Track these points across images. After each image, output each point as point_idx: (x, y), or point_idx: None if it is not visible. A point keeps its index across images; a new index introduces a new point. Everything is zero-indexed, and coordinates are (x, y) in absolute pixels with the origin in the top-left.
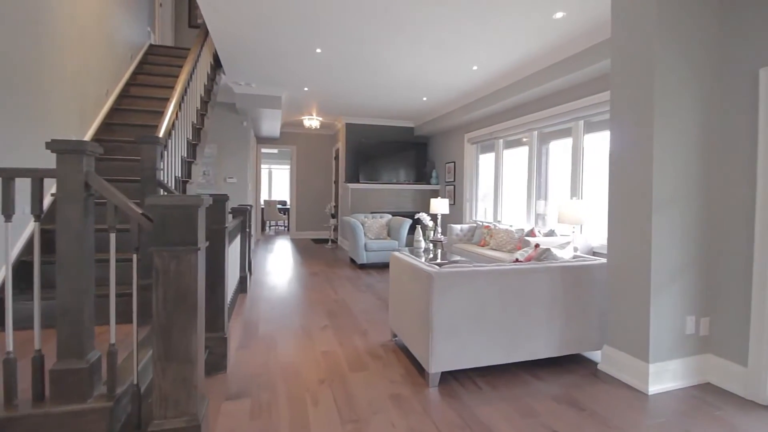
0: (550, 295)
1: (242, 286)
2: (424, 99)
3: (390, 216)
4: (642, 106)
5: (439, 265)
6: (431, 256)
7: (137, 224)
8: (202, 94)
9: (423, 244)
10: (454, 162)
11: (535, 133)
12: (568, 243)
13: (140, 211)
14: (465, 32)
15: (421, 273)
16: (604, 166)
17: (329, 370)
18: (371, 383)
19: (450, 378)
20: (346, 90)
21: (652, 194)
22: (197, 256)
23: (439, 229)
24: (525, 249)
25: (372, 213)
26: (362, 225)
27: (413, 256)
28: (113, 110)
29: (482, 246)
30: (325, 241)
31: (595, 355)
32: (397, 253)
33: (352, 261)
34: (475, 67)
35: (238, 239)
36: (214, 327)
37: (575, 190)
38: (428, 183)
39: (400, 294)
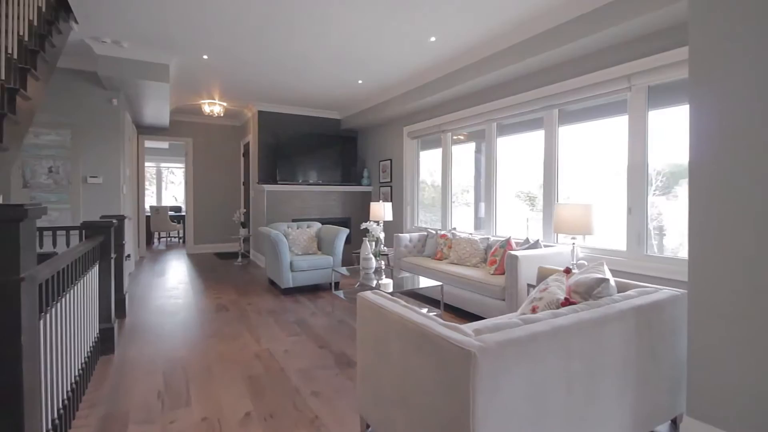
0: (623, 354)
1: (105, 345)
2: (360, 82)
3: (319, 224)
4: (760, 63)
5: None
6: (383, 278)
7: None
8: (24, 36)
9: (374, 262)
10: (391, 159)
11: (494, 124)
12: (602, 264)
13: None
14: None
15: (445, 347)
16: (587, 163)
17: None
18: None
19: None
20: (262, 64)
21: None
22: None
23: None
24: (557, 277)
25: (295, 221)
26: (286, 237)
27: (418, 310)
28: None
29: (439, 259)
30: (234, 255)
31: (661, 429)
32: (371, 296)
33: (273, 284)
34: (433, 38)
35: (94, 273)
36: None
37: (550, 192)
38: (359, 184)
39: (385, 367)
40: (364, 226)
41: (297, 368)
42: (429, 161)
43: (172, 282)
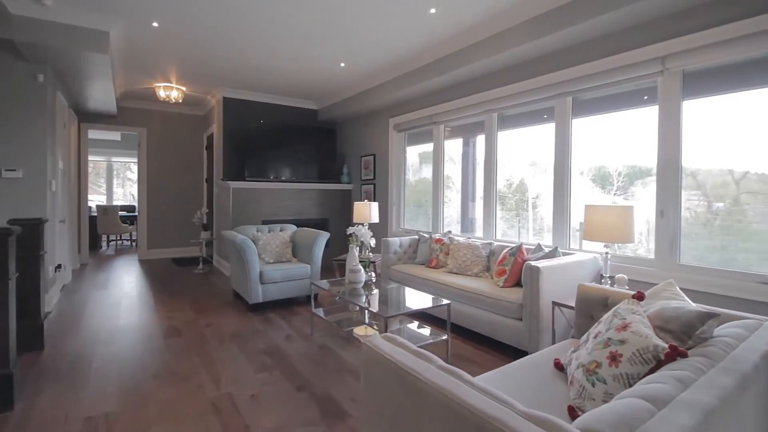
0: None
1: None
2: (342, 65)
3: (294, 227)
4: None
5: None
6: (374, 291)
7: None
8: None
9: (363, 275)
10: (374, 155)
11: (495, 115)
12: (672, 284)
13: None
14: None
15: None
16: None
17: None
18: None
19: None
20: (226, 39)
21: None
22: None
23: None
24: (632, 308)
25: (266, 223)
26: (255, 243)
27: (473, 380)
28: None
29: (434, 267)
30: (194, 261)
31: None
32: (388, 348)
33: (238, 297)
34: (432, 10)
35: None
36: None
37: (561, 192)
38: (338, 181)
39: None
40: (351, 230)
41: (268, 426)
42: (412, 157)
43: (116, 296)
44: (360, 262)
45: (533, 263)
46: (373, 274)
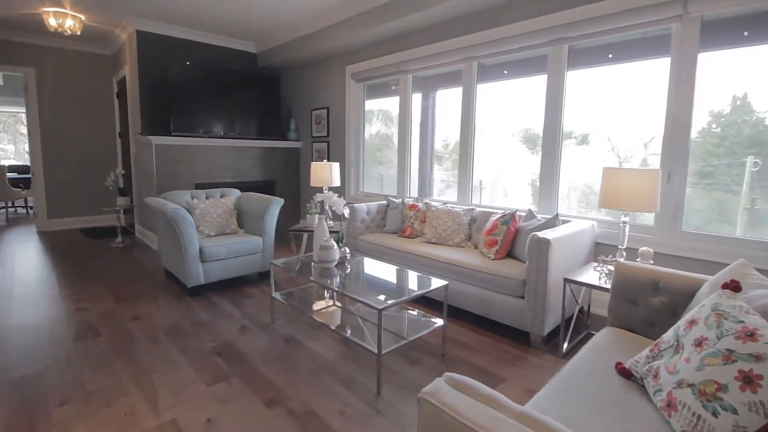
0: None
1: None
2: None
3: (238, 192)
4: None
5: None
6: (348, 270)
7: None
8: None
9: (336, 253)
10: (328, 108)
11: (475, 64)
12: (746, 264)
13: None
14: None
15: None
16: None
17: None
18: None
19: None
20: None
21: None
22: None
23: (331, 212)
24: (734, 303)
25: (201, 187)
26: (190, 212)
27: None
28: None
29: (408, 237)
30: (111, 233)
31: None
32: (490, 424)
33: (172, 277)
34: None
35: None
36: None
37: (552, 152)
38: (285, 138)
39: None
40: (320, 197)
41: None
42: (382, 111)
43: (5, 282)
44: (341, 241)
45: (541, 235)
46: (347, 250)
